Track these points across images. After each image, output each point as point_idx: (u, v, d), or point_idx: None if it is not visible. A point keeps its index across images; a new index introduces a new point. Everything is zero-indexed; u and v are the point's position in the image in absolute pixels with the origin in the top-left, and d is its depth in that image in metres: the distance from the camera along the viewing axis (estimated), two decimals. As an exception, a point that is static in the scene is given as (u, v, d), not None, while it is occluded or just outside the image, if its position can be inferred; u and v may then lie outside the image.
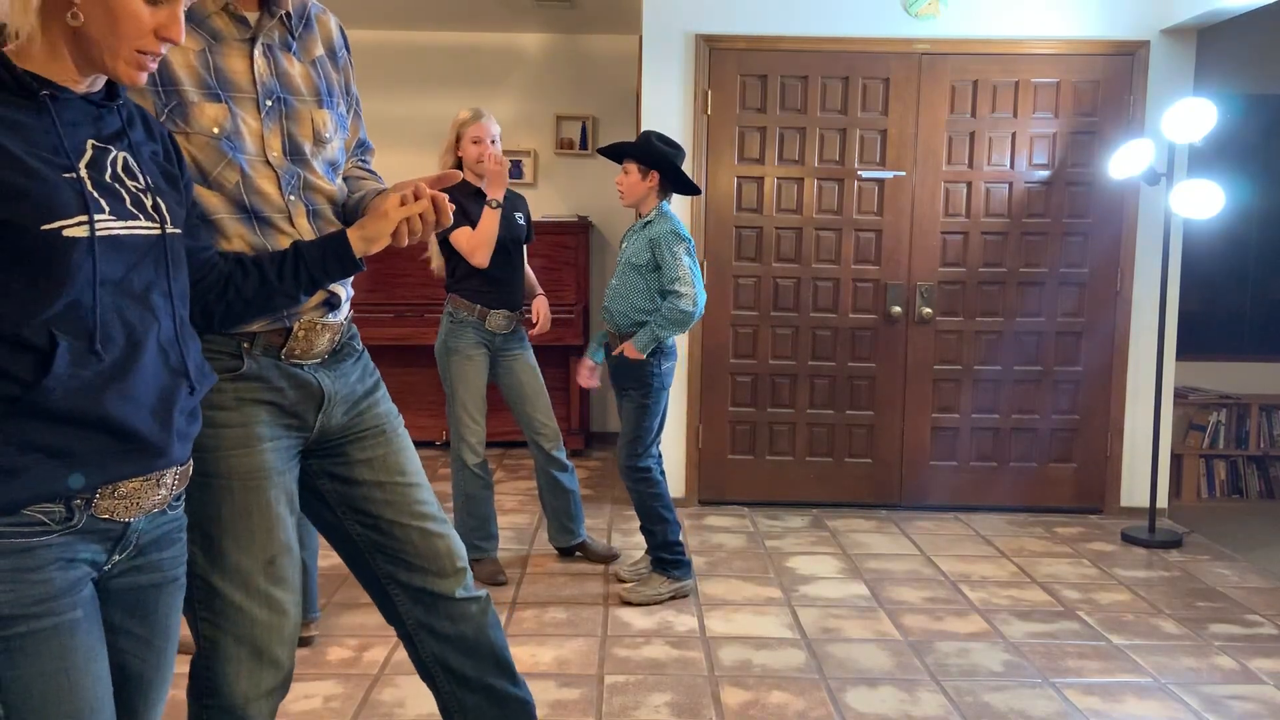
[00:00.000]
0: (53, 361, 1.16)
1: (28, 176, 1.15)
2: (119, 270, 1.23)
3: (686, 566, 3.64)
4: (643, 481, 3.60)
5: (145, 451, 1.25)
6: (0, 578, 1.14)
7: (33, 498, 1.16)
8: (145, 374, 1.25)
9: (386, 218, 1.55)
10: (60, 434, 1.17)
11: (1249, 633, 3.40)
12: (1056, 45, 4.64)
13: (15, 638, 1.14)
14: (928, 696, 2.87)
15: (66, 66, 1.22)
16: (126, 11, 1.20)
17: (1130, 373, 4.76)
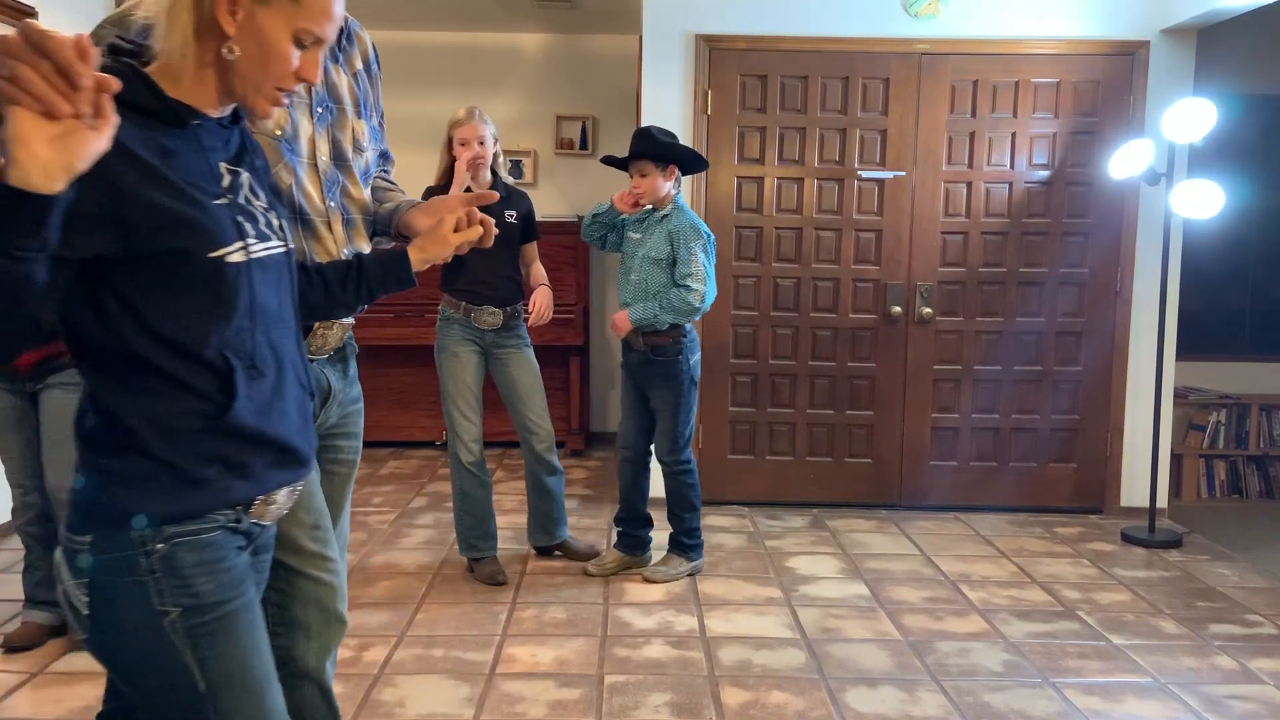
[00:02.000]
0: (234, 383, 1.25)
1: (191, 205, 1.20)
2: (265, 291, 1.30)
3: (701, 548, 3.89)
4: (684, 474, 3.78)
5: (298, 463, 1.36)
6: (201, 570, 1.24)
7: (213, 505, 1.26)
8: (291, 390, 1.35)
9: (447, 243, 1.64)
10: (239, 449, 1.27)
11: (1249, 633, 3.40)
12: (1056, 45, 4.64)
13: (215, 620, 1.25)
14: (928, 696, 2.87)
15: (209, 94, 1.26)
16: (278, 52, 1.25)
17: (1130, 373, 4.75)
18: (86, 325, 1.20)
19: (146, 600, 1.21)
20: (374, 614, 3.42)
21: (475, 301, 3.70)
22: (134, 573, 1.21)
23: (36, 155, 1.01)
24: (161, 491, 1.22)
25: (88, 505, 1.22)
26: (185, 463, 1.23)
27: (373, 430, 6.29)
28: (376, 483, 5.25)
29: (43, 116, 1.01)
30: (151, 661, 1.23)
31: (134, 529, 1.21)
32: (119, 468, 1.21)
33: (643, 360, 3.71)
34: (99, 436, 1.23)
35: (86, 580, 1.22)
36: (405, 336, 5.71)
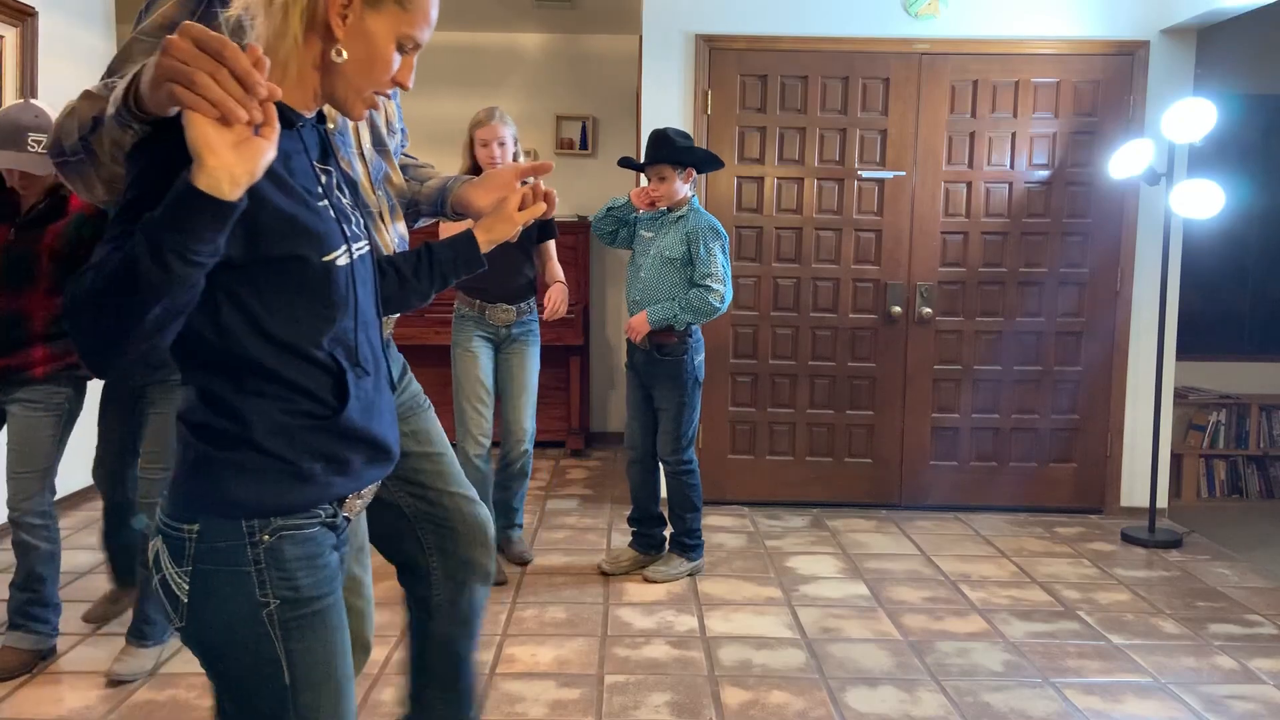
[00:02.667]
0: (346, 384, 1.27)
1: (307, 210, 1.21)
2: (363, 292, 1.32)
3: (702, 548, 3.89)
4: (687, 474, 3.79)
5: (389, 460, 1.38)
6: (302, 564, 1.25)
7: (317, 500, 1.27)
8: (384, 387, 1.38)
9: (512, 221, 1.63)
10: (344, 447, 1.28)
11: (1249, 633, 3.40)
12: (1056, 45, 4.64)
13: (309, 615, 1.26)
14: (928, 696, 2.87)
15: (306, 95, 1.26)
16: (383, 57, 1.25)
17: (1130, 373, 4.75)
18: (200, 329, 1.19)
19: (249, 591, 1.22)
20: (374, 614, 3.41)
21: (489, 299, 3.72)
22: (239, 563, 1.22)
23: (225, 162, 1.03)
24: (271, 485, 1.23)
25: (196, 494, 1.22)
26: (296, 458, 1.24)
27: (373, 430, 6.32)
28: (376, 483, 5.24)
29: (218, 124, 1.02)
30: (244, 652, 1.24)
31: (243, 520, 1.22)
32: (231, 459, 1.22)
33: (648, 359, 3.72)
34: (210, 428, 1.22)
35: (189, 568, 1.22)
36: (409, 337, 5.71)
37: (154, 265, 1.03)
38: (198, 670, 2.96)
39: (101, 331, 1.06)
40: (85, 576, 3.70)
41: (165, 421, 2.81)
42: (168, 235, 1.03)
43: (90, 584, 3.61)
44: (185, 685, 2.85)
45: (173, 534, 1.23)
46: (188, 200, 1.03)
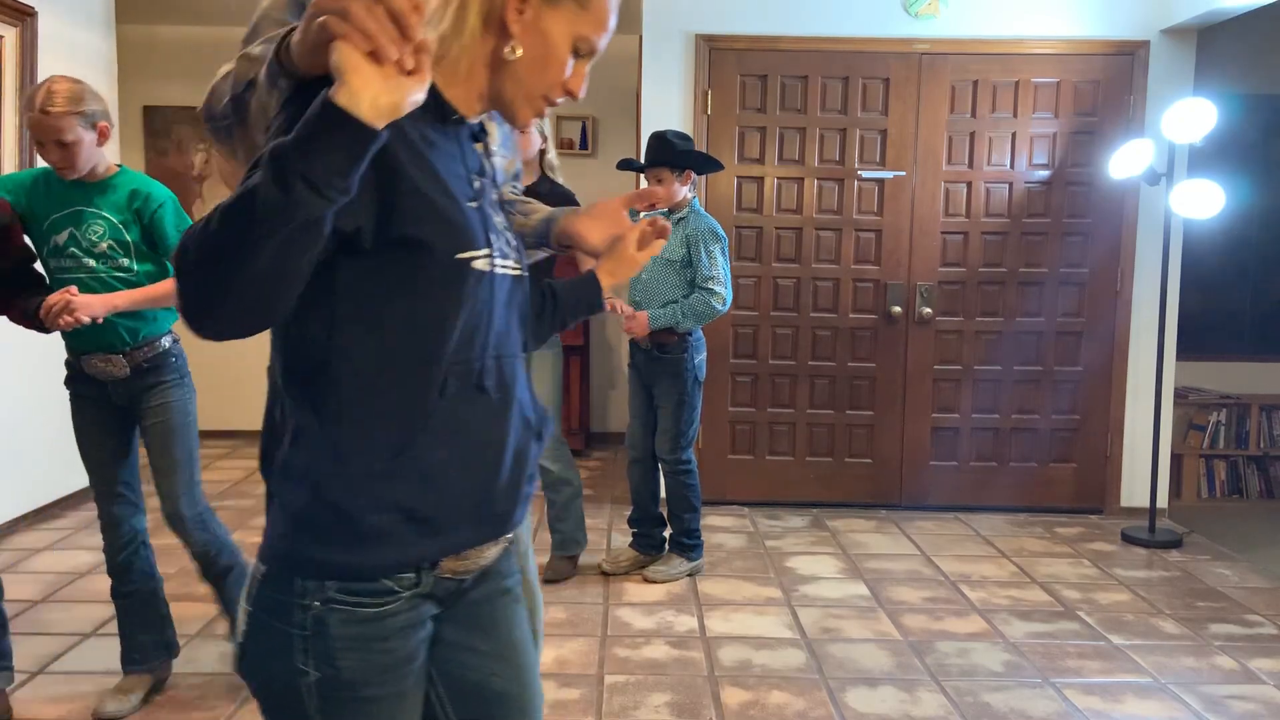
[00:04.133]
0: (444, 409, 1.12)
1: (446, 198, 1.11)
2: (502, 312, 1.18)
3: (701, 548, 3.89)
4: (685, 474, 3.79)
5: (496, 520, 1.19)
6: (351, 646, 1.11)
7: (391, 566, 1.11)
8: (513, 425, 1.19)
9: (634, 263, 1.53)
10: (425, 498, 1.11)
11: (1249, 633, 3.40)
12: (1056, 45, 4.64)
13: (353, 701, 1.12)
14: (928, 696, 2.87)
15: (472, 96, 1.18)
16: (557, 58, 1.17)
17: (1130, 373, 4.75)
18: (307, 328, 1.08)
19: (290, 653, 1.10)
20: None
21: None
22: (286, 621, 1.10)
23: (370, 84, 0.94)
24: (327, 540, 1.09)
25: (270, 535, 1.12)
26: (361, 512, 1.08)
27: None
28: (376, 483, 5.25)
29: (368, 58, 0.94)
30: (275, 708, 1.15)
31: (296, 574, 1.10)
32: (297, 506, 1.09)
33: (649, 358, 3.72)
34: (287, 464, 1.11)
35: (250, 609, 1.13)
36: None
37: (276, 189, 0.92)
38: (198, 670, 2.97)
39: (209, 274, 0.96)
40: (85, 577, 3.70)
41: (168, 430, 2.62)
42: (296, 154, 0.93)
43: (89, 585, 3.61)
44: (185, 685, 2.85)
45: (255, 568, 1.14)
46: (323, 115, 0.93)
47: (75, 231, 2.53)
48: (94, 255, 2.53)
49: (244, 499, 4.91)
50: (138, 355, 2.58)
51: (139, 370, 2.60)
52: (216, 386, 6.22)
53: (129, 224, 2.55)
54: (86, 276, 2.52)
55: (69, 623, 3.28)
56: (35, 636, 3.18)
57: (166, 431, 2.63)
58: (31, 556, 3.98)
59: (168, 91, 6.06)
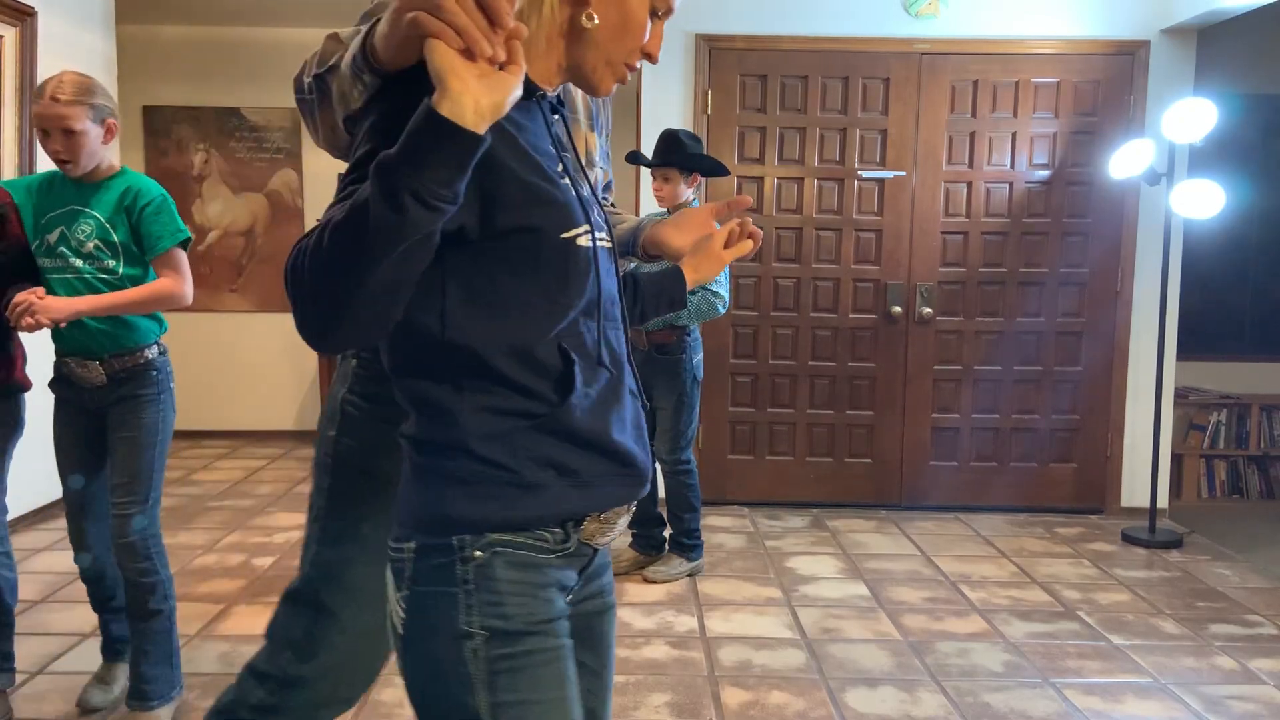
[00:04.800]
0: (572, 378, 1.12)
1: (545, 180, 1.10)
2: (609, 284, 1.19)
3: (701, 549, 3.89)
4: (685, 474, 3.81)
5: (635, 479, 1.19)
6: (514, 589, 1.09)
7: (548, 517, 1.12)
8: (628, 395, 1.20)
9: (720, 260, 1.53)
10: (572, 454, 1.12)
11: (1249, 633, 3.40)
12: (1056, 45, 4.64)
13: (522, 655, 1.09)
14: (928, 696, 2.87)
15: (551, 69, 1.15)
16: (636, 20, 1.15)
17: (1130, 373, 4.75)
18: (422, 317, 1.08)
19: (454, 616, 1.07)
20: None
21: None
22: (448, 581, 1.08)
23: (470, 88, 0.93)
24: (490, 497, 1.09)
25: (412, 511, 1.12)
26: (518, 466, 1.10)
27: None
28: (376, 483, 5.25)
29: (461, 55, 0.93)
30: (442, 693, 1.09)
31: (455, 532, 1.09)
32: (446, 468, 1.10)
33: (646, 359, 3.72)
34: (426, 437, 1.11)
35: (405, 592, 1.10)
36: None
37: (386, 207, 0.91)
38: (198, 670, 2.97)
39: (325, 293, 0.95)
40: (85, 577, 3.70)
41: (133, 445, 2.48)
42: (404, 171, 0.92)
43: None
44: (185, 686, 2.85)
45: (394, 557, 1.12)
46: (428, 128, 0.91)
47: (66, 230, 2.46)
48: (81, 255, 2.44)
49: (244, 499, 4.91)
50: (115, 364, 2.48)
51: (115, 379, 2.49)
52: (217, 387, 6.23)
53: (118, 224, 2.46)
54: (73, 277, 2.45)
55: (69, 623, 3.28)
56: (35, 636, 3.18)
57: (131, 448, 2.49)
58: (31, 556, 3.97)
59: (168, 91, 6.06)
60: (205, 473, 5.45)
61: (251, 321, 6.28)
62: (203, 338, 6.12)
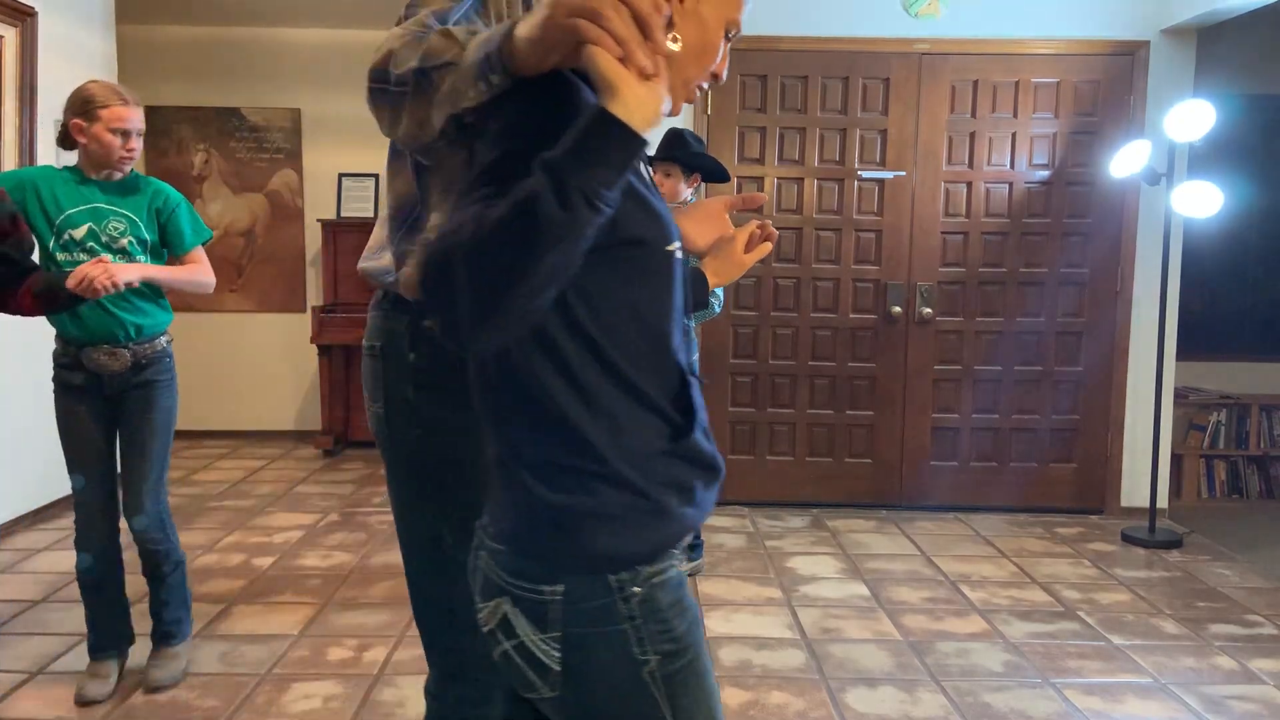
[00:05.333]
0: (691, 395, 1.13)
1: (650, 191, 1.13)
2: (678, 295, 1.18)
3: (701, 548, 3.92)
4: None
5: (720, 479, 1.20)
6: (673, 611, 1.12)
7: (676, 538, 1.14)
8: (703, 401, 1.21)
9: (741, 265, 1.55)
10: (688, 472, 1.13)
11: (1249, 633, 3.40)
12: (1056, 45, 4.64)
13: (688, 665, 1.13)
14: (928, 696, 2.87)
15: None
16: (713, 43, 1.17)
17: (1130, 373, 4.75)
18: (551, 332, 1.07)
19: (626, 650, 1.09)
20: (374, 614, 3.42)
21: None
22: (613, 621, 1.08)
23: (638, 94, 0.95)
24: (634, 529, 1.09)
25: (554, 552, 1.09)
26: (652, 491, 1.09)
27: (373, 430, 6.30)
28: (376, 483, 5.25)
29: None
30: (628, 715, 1.12)
31: (610, 573, 1.08)
32: (589, 505, 1.07)
33: None
34: (559, 467, 1.08)
35: (557, 634, 1.09)
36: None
37: (558, 205, 0.92)
38: (197, 670, 2.97)
39: (486, 288, 0.94)
40: (85, 576, 3.70)
41: (153, 428, 2.70)
42: (576, 170, 0.93)
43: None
44: (185, 686, 2.85)
45: (530, 597, 1.09)
46: (601, 129, 0.93)
47: (95, 227, 2.63)
48: (113, 250, 2.63)
49: (244, 499, 4.91)
50: (139, 351, 2.68)
51: (138, 365, 2.68)
52: (217, 387, 6.23)
53: (150, 224, 2.70)
54: None
55: (69, 623, 3.28)
56: (35, 636, 3.18)
57: (150, 431, 2.71)
58: (31, 556, 3.98)
59: (168, 91, 6.06)
60: (205, 473, 5.45)
61: (251, 321, 6.28)
62: (203, 338, 6.12)
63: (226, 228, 6.19)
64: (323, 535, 4.32)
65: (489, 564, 1.13)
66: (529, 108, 1.04)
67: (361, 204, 6.15)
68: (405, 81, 1.15)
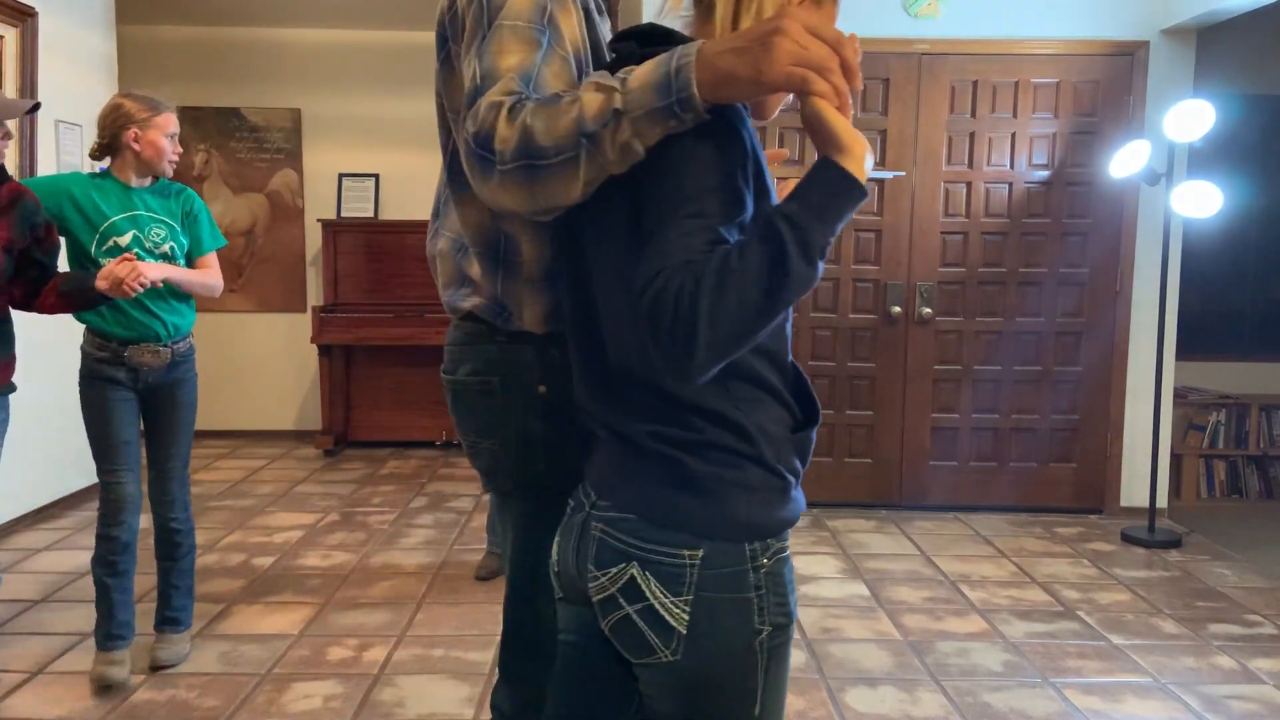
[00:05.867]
0: (807, 387, 1.20)
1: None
2: None
3: None
4: None
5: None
6: (790, 588, 1.20)
7: (795, 518, 1.20)
8: None
9: None
10: (799, 458, 1.20)
11: (1249, 633, 3.40)
12: (1056, 45, 4.64)
13: (784, 642, 1.20)
14: (928, 696, 2.87)
15: None
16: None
17: (1130, 373, 4.75)
18: None
19: (748, 618, 1.16)
20: (374, 614, 3.42)
21: None
22: (743, 589, 1.15)
23: (864, 144, 1.01)
24: (770, 505, 1.17)
25: (699, 517, 1.14)
26: (785, 474, 1.17)
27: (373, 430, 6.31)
28: (376, 483, 5.25)
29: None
30: (733, 683, 1.18)
31: (745, 543, 1.15)
32: (738, 479, 1.15)
33: None
34: (713, 446, 1.14)
35: (690, 596, 1.14)
36: (405, 337, 5.71)
37: (804, 262, 1.01)
38: (198, 670, 2.97)
39: (722, 333, 0.99)
40: (85, 577, 3.70)
41: (185, 418, 2.89)
42: (819, 228, 1.00)
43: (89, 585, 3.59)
44: (185, 685, 2.85)
45: (666, 560, 1.14)
46: (840, 187, 0.99)
47: (139, 234, 2.76)
48: (156, 256, 2.78)
49: (244, 499, 4.91)
50: (176, 348, 2.85)
51: (174, 362, 2.86)
52: (217, 387, 6.23)
53: (184, 230, 2.86)
54: None
55: (69, 623, 3.29)
56: (35, 636, 3.18)
57: (181, 423, 2.90)
58: (31, 556, 3.98)
59: (168, 91, 6.04)
60: (205, 473, 5.45)
61: (251, 321, 6.29)
62: (203, 338, 6.09)
63: (227, 228, 6.18)
64: (323, 535, 4.32)
65: (608, 532, 1.18)
66: (732, 143, 1.08)
67: (361, 204, 6.16)
68: (564, 149, 1.09)
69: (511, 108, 1.11)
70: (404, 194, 6.18)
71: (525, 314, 1.40)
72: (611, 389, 1.21)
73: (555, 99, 1.11)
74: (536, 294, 1.39)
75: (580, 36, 1.27)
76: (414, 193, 6.14)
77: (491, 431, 1.46)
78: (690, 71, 1.04)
